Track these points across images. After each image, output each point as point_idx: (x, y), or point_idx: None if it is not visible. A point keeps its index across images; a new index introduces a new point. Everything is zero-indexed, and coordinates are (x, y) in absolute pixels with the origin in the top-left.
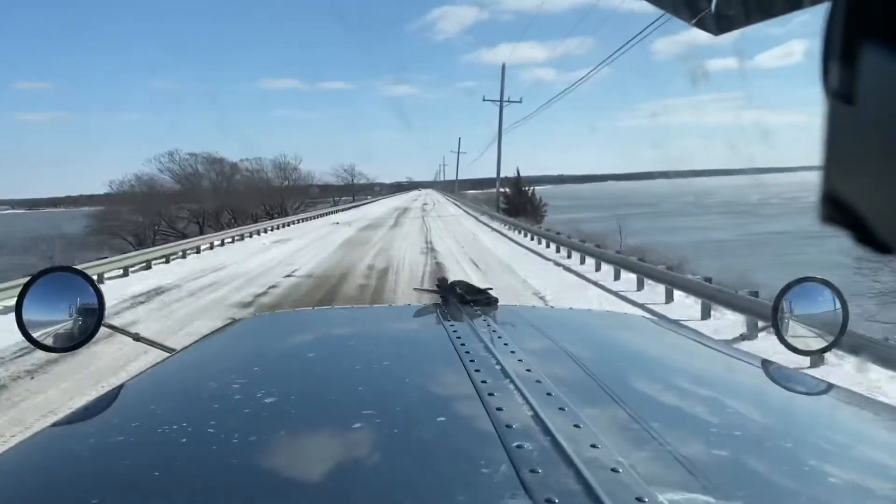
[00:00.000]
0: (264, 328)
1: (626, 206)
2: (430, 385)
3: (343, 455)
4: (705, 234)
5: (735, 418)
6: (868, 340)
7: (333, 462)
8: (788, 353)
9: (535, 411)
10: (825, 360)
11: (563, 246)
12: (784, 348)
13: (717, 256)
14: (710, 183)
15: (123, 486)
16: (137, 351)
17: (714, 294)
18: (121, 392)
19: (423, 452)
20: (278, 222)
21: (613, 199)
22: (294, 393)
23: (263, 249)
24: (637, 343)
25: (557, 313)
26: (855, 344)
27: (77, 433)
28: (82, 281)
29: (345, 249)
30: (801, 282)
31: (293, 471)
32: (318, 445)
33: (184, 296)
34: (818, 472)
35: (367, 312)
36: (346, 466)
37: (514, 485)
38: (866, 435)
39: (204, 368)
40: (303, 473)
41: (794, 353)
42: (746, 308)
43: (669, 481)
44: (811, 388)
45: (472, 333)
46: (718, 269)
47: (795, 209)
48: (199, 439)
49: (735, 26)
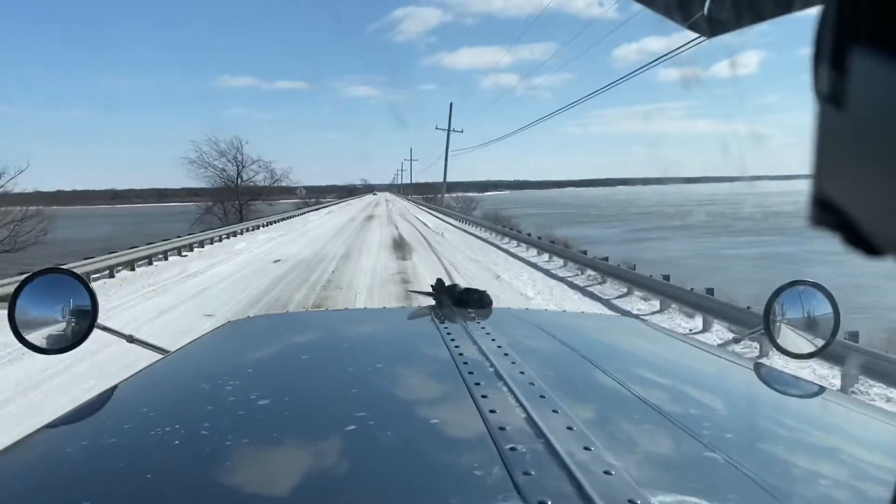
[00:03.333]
0: (258, 330)
1: (546, 207)
2: (423, 387)
3: (336, 457)
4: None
5: (727, 421)
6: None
7: (326, 464)
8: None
9: (528, 413)
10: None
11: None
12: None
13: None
14: (666, 190)
15: (116, 488)
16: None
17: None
18: (114, 394)
19: (416, 455)
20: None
21: (548, 203)
22: (287, 395)
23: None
24: (630, 346)
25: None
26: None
27: (70, 435)
28: (76, 282)
29: None
30: (792, 285)
31: (286, 473)
32: (312, 447)
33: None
34: (810, 474)
35: (360, 314)
36: (339, 468)
37: (508, 487)
38: (857, 437)
39: (197, 370)
40: (296, 475)
41: (786, 356)
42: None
43: (662, 483)
44: (803, 391)
45: (466, 335)
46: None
47: (681, 212)
48: (192, 441)
49: (727, 29)
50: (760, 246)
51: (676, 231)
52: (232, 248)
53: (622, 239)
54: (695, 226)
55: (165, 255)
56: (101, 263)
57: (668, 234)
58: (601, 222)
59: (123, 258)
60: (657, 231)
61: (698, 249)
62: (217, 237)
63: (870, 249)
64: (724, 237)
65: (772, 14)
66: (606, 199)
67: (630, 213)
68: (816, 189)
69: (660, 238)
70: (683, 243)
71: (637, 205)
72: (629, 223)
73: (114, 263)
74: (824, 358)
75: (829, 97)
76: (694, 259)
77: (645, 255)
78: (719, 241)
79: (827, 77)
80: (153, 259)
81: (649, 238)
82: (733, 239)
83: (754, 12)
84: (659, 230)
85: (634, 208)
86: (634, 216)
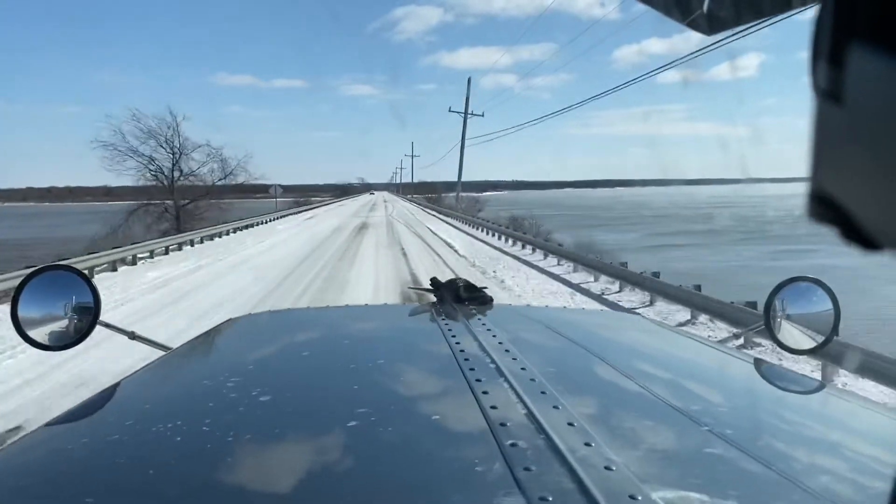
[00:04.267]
0: (259, 327)
1: (551, 208)
2: (424, 383)
3: (337, 453)
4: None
5: (728, 416)
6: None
7: (328, 460)
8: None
9: (529, 409)
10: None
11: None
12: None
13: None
14: (668, 191)
15: (119, 485)
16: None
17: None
18: (116, 391)
19: (417, 451)
20: None
21: (552, 204)
22: (289, 391)
23: None
24: (631, 341)
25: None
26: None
27: (72, 432)
28: (78, 279)
29: None
30: (793, 281)
31: (288, 469)
32: (313, 443)
33: None
34: (810, 470)
35: (362, 311)
36: (340, 464)
37: (508, 483)
38: (857, 432)
39: (199, 367)
40: (297, 472)
41: (786, 352)
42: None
43: (663, 479)
44: (804, 387)
45: (467, 332)
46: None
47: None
48: (194, 438)
49: (727, 26)
50: (809, 257)
51: (706, 236)
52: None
53: (647, 245)
54: (723, 230)
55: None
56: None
57: (697, 240)
58: (618, 226)
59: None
60: (683, 236)
61: (751, 259)
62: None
63: (867, 244)
64: (762, 244)
65: (771, 11)
66: (614, 201)
67: (644, 216)
68: (814, 184)
69: (692, 245)
70: (726, 252)
71: (649, 207)
72: (648, 226)
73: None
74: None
75: (827, 93)
76: (763, 275)
77: (694, 267)
78: (761, 248)
79: (825, 73)
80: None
81: (677, 245)
82: (773, 247)
83: (754, 10)
84: (684, 235)
85: (647, 211)
86: (650, 220)
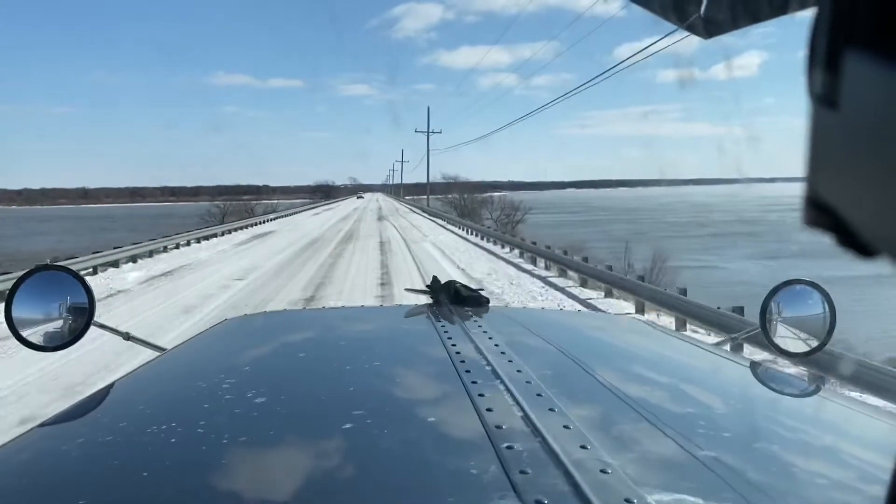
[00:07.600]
0: (254, 328)
1: (557, 211)
2: (420, 386)
3: (333, 455)
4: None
5: (724, 419)
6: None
7: (323, 462)
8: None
9: (524, 412)
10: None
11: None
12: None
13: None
14: (669, 192)
15: (112, 487)
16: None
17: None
18: (110, 391)
19: (412, 453)
20: None
21: (556, 206)
22: (284, 393)
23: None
24: (627, 344)
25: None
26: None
27: (66, 433)
28: (73, 280)
29: None
30: (789, 284)
31: (282, 471)
32: (308, 445)
33: None
34: (806, 473)
35: (358, 313)
36: (335, 467)
37: (504, 486)
38: (853, 436)
39: (194, 368)
40: (293, 474)
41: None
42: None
43: (658, 482)
44: (800, 390)
45: (463, 334)
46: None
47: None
48: (189, 439)
49: (723, 30)
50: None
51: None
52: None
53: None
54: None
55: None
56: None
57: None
58: (709, 242)
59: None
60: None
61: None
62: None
63: (863, 250)
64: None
65: (767, 15)
66: (631, 203)
67: (670, 221)
68: (810, 190)
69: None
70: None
71: (673, 210)
72: (755, 240)
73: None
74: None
75: (823, 98)
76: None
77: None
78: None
79: (821, 78)
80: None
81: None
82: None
83: (750, 13)
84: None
85: (673, 216)
86: (678, 226)
